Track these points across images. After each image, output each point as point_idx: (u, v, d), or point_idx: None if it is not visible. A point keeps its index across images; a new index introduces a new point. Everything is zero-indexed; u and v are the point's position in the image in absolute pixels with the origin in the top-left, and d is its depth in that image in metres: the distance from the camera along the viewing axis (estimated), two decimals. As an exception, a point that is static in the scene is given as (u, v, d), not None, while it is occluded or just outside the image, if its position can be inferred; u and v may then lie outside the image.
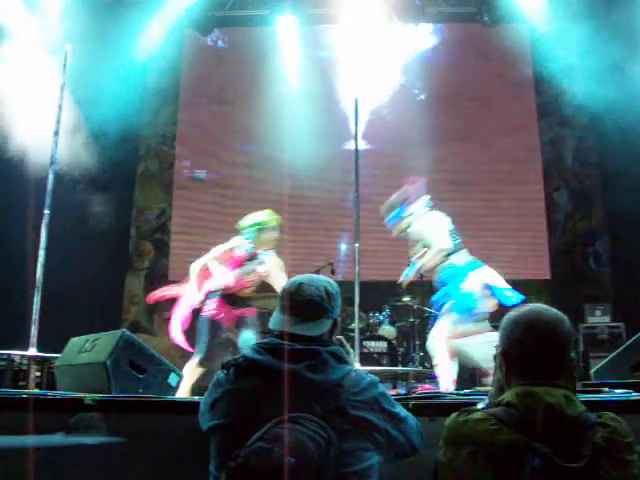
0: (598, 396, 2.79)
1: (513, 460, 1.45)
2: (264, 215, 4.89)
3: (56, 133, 4.69)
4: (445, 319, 4.37)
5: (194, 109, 8.89)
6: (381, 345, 6.78)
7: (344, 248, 7.95)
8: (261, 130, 8.21)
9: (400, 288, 5.08)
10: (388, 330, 7.00)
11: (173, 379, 3.37)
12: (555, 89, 8.19)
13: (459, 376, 4.45)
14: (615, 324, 6.87)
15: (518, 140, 8.36)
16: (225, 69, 8.83)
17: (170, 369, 3.41)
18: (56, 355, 3.84)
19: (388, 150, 8.19)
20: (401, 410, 1.93)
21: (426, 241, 4.57)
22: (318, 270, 6.28)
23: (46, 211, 4.46)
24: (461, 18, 8.49)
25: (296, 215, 7.61)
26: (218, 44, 8.92)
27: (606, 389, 2.98)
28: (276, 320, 2.02)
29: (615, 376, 3.31)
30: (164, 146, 8.95)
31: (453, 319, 4.32)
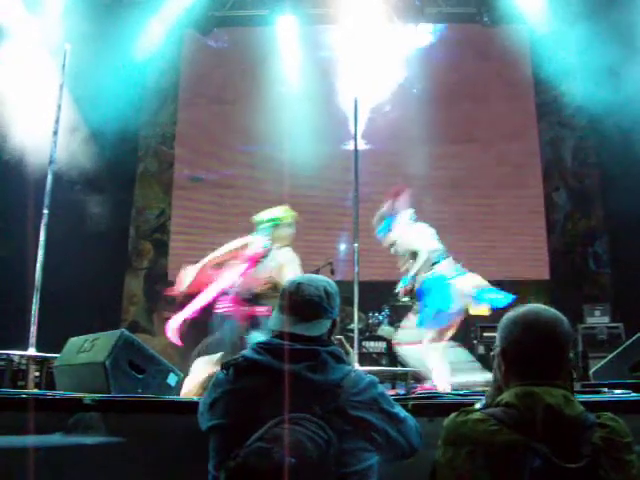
0: (597, 396, 2.80)
1: (513, 460, 1.44)
2: (280, 211, 4.76)
3: (55, 133, 4.68)
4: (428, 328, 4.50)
5: (194, 109, 8.89)
6: (380, 345, 6.79)
7: (343, 248, 7.94)
8: (261, 130, 8.20)
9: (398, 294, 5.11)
10: (387, 330, 7.00)
11: (172, 379, 3.37)
12: (555, 89, 8.20)
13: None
14: (614, 324, 6.86)
15: (518, 140, 8.36)
16: (225, 69, 8.83)
17: (169, 369, 3.41)
18: (55, 355, 3.84)
19: (388, 150, 8.19)
20: (400, 411, 1.93)
21: (413, 250, 4.68)
22: (317, 270, 6.27)
23: (45, 211, 4.45)
24: (461, 18, 8.49)
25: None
26: (218, 44, 8.91)
27: (605, 389, 2.98)
28: (275, 320, 2.02)
29: (614, 376, 3.31)
30: (164, 146, 8.95)
31: (431, 325, 4.47)
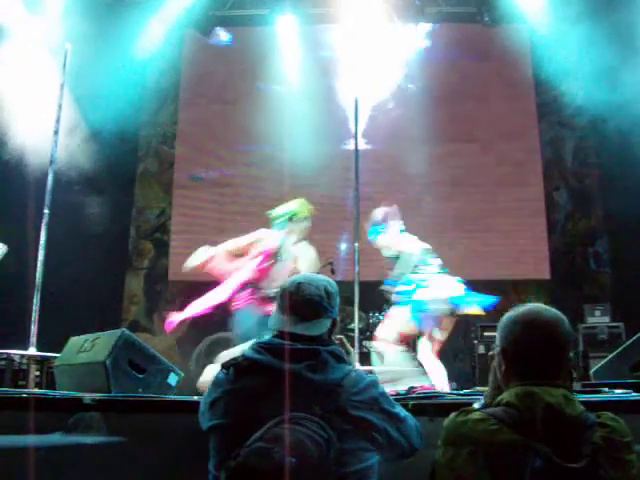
0: (597, 396, 2.79)
1: (513, 460, 1.44)
2: (296, 204, 4.75)
3: (56, 132, 4.68)
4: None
5: (194, 109, 8.88)
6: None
7: (344, 247, 7.93)
8: (261, 130, 8.19)
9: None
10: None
11: (172, 379, 3.37)
12: (555, 89, 8.19)
13: (459, 377, 4.48)
14: (615, 324, 6.85)
15: (518, 140, 8.35)
16: (225, 69, 8.82)
17: (169, 369, 3.41)
18: (56, 355, 3.84)
19: (388, 150, 8.18)
20: (401, 410, 1.93)
21: (396, 253, 4.69)
22: (318, 269, 6.26)
23: (46, 211, 4.45)
24: (461, 18, 8.48)
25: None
26: (218, 44, 8.90)
27: (606, 389, 2.98)
28: (275, 320, 2.02)
29: (615, 376, 3.31)
30: (164, 146, 8.94)
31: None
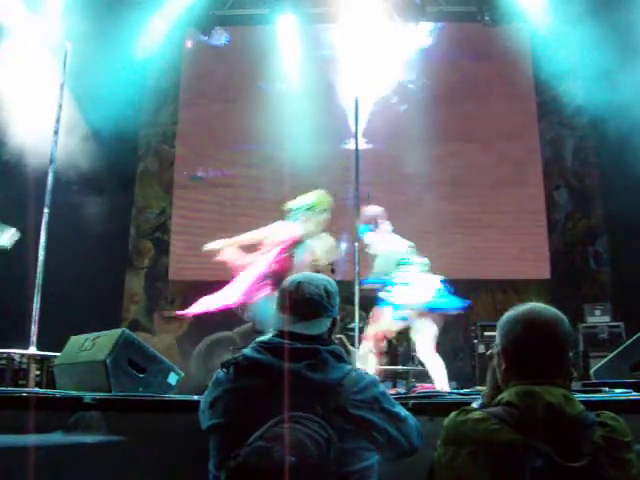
0: (598, 395, 2.79)
1: (514, 459, 1.44)
2: (316, 196, 4.71)
3: (56, 132, 4.67)
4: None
5: (194, 108, 8.88)
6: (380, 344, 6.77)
7: (344, 247, 7.92)
8: (261, 129, 8.18)
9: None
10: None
11: (172, 378, 3.37)
12: (555, 89, 8.18)
13: (459, 376, 4.48)
14: (615, 324, 6.85)
15: (518, 140, 8.34)
16: (225, 68, 8.82)
17: (170, 368, 3.40)
18: (56, 354, 3.83)
19: (388, 149, 8.18)
20: (401, 410, 1.93)
21: (381, 253, 4.74)
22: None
23: (46, 210, 4.45)
24: (461, 17, 8.48)
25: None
26: (218, 43, 8.90)
27: (606, 388, 2.98)
28: (276, 319, 2.02)
29: (615, 376, 3.31)
30: (164, 145, 8.94)
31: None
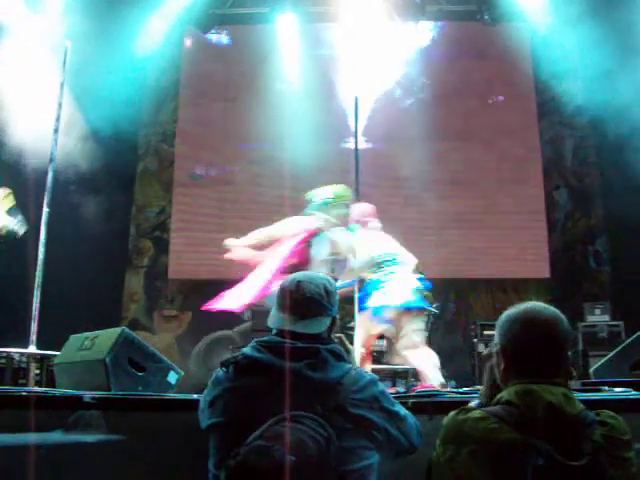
0: (597, 394, 2.80)
1: (514, 459, 1.44)
2: (337, 189, 4.64)
3: (55, 131, 4.67)
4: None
5: (194, 107, 8.87)
6: (381, 343, 6.77)
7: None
8: (261, 128, 8.18)
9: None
10: (388, 328, 6.97)
11: (172, 377, 3.37)
12: (555, 88, 8.18)
13: (459, 375, 4.47)
14: (614, 323, 6.85)
15: (518, 139, 8.34)
16: (225, 67, 8.82)
17: (169, 367, 3.40)
18: (56, 353, 3.83)
19: (388, 148, 8.17)
20: (400, 409, 1.93)
21: (361, 253, 4.62)
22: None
23: (46, 209, 4.45)
24: (461, 16, 8.48)
25: (296, 213, 7.58)
26: (218, 42, 8.90)
27: (606, 387, 2.98)
28: (275, 318, 2.02)
29: (614, 375, 3.31)
30: (164, 144, 8.94)
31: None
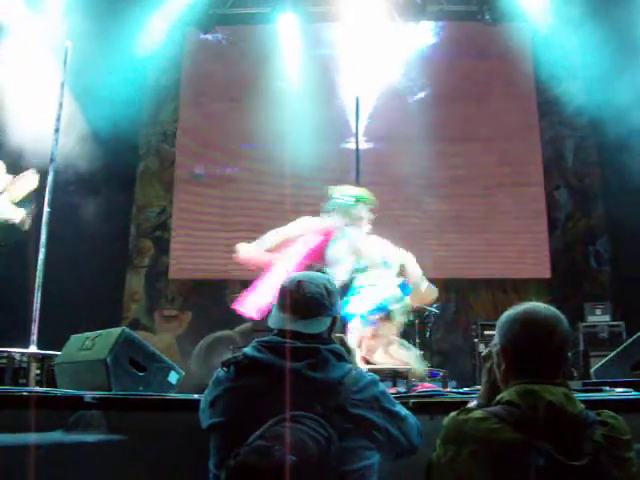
0: (598, 395, 2.79)
1: (516, 459, 1.44)
2: (364, 191, 4.58)
3: (56, 131, 4.68)
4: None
5: (195, 107, 8.87)
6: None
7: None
8: (262, 128, 8.17)
9: None
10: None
11: (173, 377, 3.37)
12: (556, 88, 8.18)
13: (459, 375, 4.46)
14: (615, 323, 6.85)
15: (518, 139, 8.34)
16: (226, 67, 8.81)
17: (170, 367, 3.40)
18: (56, 353, 3.83)
19: (388, 148, 8.16)
20: (401, 409, 1.93)
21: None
22: (320, 268, 6.24)
23: (46, 209, 4.45)
24: (462, 16, 8.47)
25: (297, 213, 7.57)
26: (219, 42, 8.90)
27: (606, 388, 2.98)
28: (276, 318, 2.01)
29: (615, 375, 3.31)
30: (165, 144, 8.94)
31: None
